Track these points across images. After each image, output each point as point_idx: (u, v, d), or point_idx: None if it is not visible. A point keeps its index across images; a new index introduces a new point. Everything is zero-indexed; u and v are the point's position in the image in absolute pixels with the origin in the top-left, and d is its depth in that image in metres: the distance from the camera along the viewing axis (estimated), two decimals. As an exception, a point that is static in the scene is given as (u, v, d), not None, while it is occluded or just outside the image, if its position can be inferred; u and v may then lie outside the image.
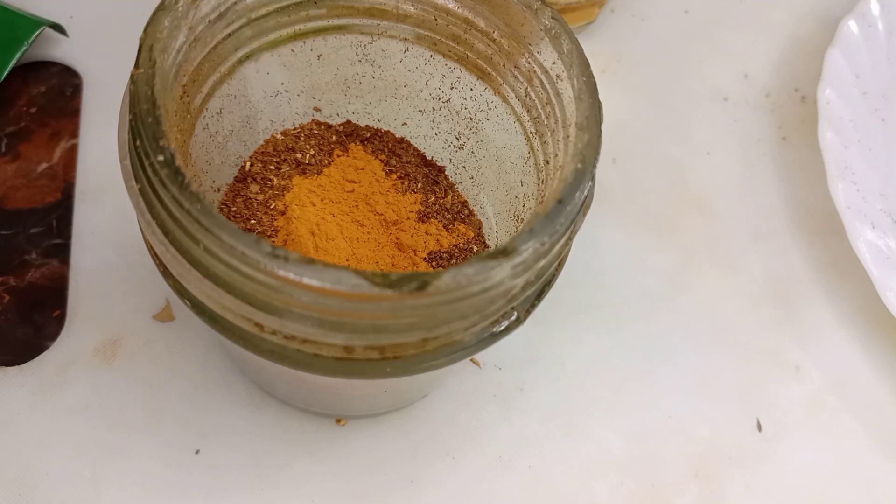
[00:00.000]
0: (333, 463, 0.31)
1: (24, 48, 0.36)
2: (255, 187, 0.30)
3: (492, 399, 0.33)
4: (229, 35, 0.26)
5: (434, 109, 0.31)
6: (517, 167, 0.29)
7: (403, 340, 0.22)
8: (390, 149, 0.32)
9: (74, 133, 0.36)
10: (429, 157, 0.32)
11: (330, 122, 0.32)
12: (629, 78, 0.42)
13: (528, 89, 0.27)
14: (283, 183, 0.30)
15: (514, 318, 0.23)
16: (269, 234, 0.29)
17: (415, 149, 0.32)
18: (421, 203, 0.31)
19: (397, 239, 0.30)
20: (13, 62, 0.36)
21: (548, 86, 0.25)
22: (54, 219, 0.34)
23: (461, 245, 0.31)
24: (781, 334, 0.36)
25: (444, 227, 0.31)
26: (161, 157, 0.20)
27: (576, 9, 0.40)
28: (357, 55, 0.30)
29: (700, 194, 0.39)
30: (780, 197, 0.39)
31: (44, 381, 0.31)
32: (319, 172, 0.31)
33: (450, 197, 0.32)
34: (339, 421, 0.31)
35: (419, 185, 0.31)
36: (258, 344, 0.22)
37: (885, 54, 0.40)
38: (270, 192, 0.30)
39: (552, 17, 0.25)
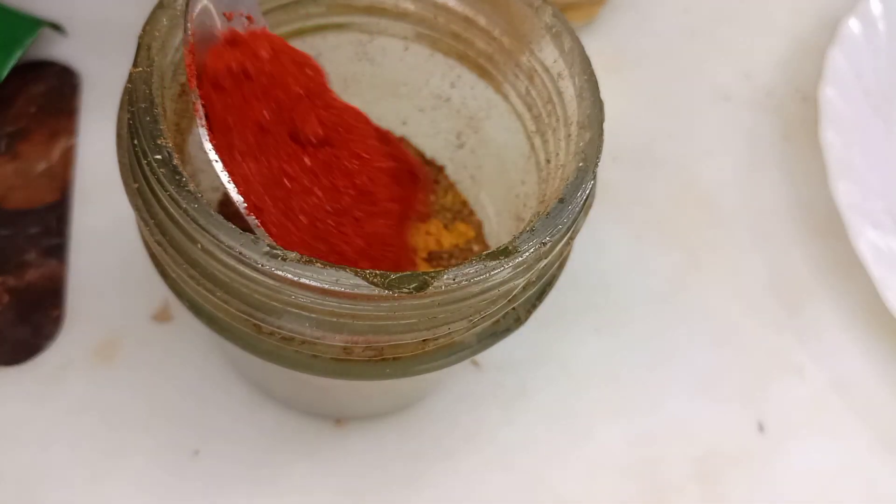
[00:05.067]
0: (333, 465, 0.31)
1: (23, 48, 0.36)
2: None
3: (493, 400, 0.33)
4: (228, 33, 0.26)
5: (434, 108, 0.31)
6: (518, 166, 0.29)
7: (403, 341, 0.21)
8: (390, 148, 0.32)
9: (73, 133, 0.36)
10: (429, 156, 0.32)
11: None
12: (631, 76, 0.42)
13: (529, 87, 0.27)
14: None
15: (515, 318, 0.23)
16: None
17: (414, 148, 0.32)
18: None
19: (397, 239, 0.30)
20: (12, 62, 0.36)
21: (549, 84, 0.25)
22: (53, 219, 0.34)
23: (461, 245, 0.31)
24: (783, 335, 0.36)
25: (445, 226, 0.31)
26: (159, 157, 0.20)
27: (577, 7, 0.40)
28: (356, 53, 0.30)
29: (701, 193, 0.39)
30: (781, 196, 0.39)
31: (42, 381, 0.31)
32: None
33: (450, 196, 0.32)
34: (338, 422, 0.31)
35: (419, 184, 0.31)
36: (256, 345, 0.22)
37: (887, 54, 0.40)
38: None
39: (553, 15, 0.25)
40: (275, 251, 0.19)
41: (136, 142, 0.21)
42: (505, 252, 0.21)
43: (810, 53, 0.43)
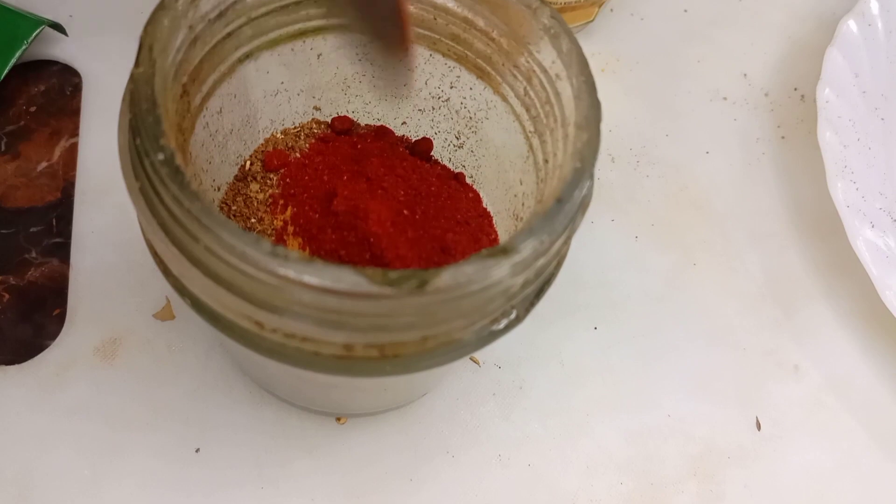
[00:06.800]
0: (333, 461, 0.31)
1: (23, 47, 0.36)
2: (255, 186, 0.30)
3: (491, 397, 0.33)
4: (229, 34, 0.26)
5: (433, 108, 0.31)
6: (516, 166, 0.29)
7: (403, 339, 0.22)
8: (390, 148, 0.32)
9: (74, 132, 0.36)
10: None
11: (330, 120, 0.32)
12: (628, 77, 0.42)
13: (528, 88, 0.27)
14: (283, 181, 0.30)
15: (513, 316, 0.23)
16: (269, 232, 0.29)
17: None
18: (420, 202, 0.31)
19: (397, 238, 0.30)
20: (13, 61, 0.36)
21: (547, 85, 0.25)
22: (54, 218, 0.34)
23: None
24: (780, 333, 0.36)
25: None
26: (161, 156, 0.20)
27: (575, 8, 0.40)
28: (357, 54, 0.30)
29: (699, 193, 0.39)
30: (779, 196, 0.39)
31: (44, 380, 0.31)
32: (319, 171, 0.31)
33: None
34: (339, 419, 0.31)
35: (419, 184, 0.31)
36: (258, 342, 0.22)
37: (885, 53, 0.41)
38: (270, 190, 0.30)
39: (551, 17, 0.25)
40: (277, 250, 0.19)
41: (138, 141, 0.21)
42: (503, 251, 0.21)
43: (808, 53, 0.43)
